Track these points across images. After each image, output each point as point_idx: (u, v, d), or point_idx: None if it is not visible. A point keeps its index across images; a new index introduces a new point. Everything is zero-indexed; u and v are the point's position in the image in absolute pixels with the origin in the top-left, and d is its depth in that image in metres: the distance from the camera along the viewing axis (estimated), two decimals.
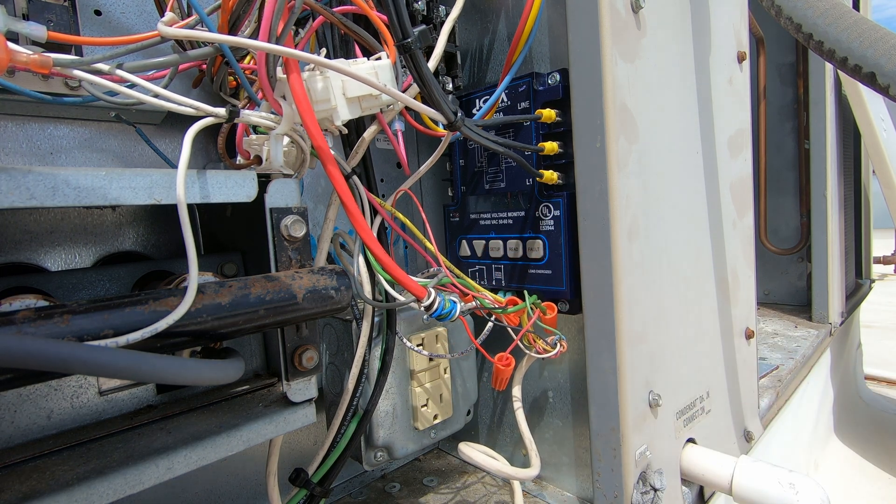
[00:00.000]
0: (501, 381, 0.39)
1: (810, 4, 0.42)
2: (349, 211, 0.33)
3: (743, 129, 0.67)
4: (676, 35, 0.52)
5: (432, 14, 0.48)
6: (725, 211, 0.62)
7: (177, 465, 0.29)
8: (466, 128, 0.39)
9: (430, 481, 0.58)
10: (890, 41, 0.38)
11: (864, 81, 0.39)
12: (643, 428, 0.47)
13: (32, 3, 0.34)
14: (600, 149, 0.42)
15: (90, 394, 0.33)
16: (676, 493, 0.52)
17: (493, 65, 0.54)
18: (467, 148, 0.54)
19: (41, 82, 0.32)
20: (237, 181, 0.31)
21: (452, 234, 0.58)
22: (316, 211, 0.54)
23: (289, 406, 0.35)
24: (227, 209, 0.41)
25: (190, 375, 0.26)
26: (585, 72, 0.43)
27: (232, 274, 0.39)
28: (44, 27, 0.30)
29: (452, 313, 0.37)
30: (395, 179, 0.62)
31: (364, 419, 0.41)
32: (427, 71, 0.35)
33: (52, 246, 0.41)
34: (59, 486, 0.25)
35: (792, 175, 1.22)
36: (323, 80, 0.33)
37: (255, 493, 0.51)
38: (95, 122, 0.43)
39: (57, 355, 0.20)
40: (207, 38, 0.30)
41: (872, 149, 1.08)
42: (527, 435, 0.45)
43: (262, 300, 0.29)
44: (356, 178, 0.39)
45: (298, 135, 0.35)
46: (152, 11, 0.43)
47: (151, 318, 0.25)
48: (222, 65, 0.39)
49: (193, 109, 0.30)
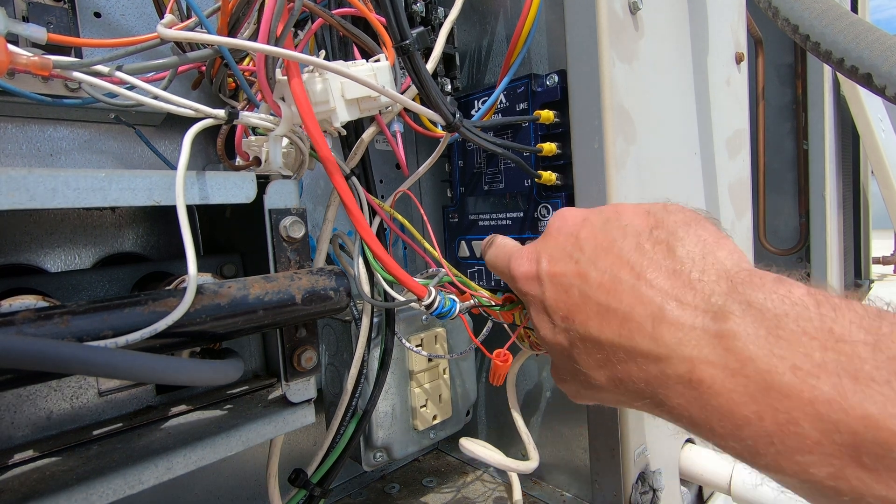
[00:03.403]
0: (499, 377, 0.40)
1: (807, 6, 0.42)
2: (349, 210, 0.33)
3: (741, 130, 0.67)
4: (674, 36, 0.53)
5: (431, 16, 0.48)
6: (724, 211, 0.62)
7: (176, 465, 0.29)
8: (465, 129, 0.39)
9: (429, 482, 0.58)
10: (886, 42, 0.38)
11: (861, 82, 0.39)
12: (642, 428, 0.47)
13: (32, 5, 0.35)
14: (598, 149, 0.42)
15: (90, 394, 0.33)
16: (675, 494, 0.52)
17: (491, 66, 0.54)
18: (466, 149, 0.54)
19: (41, 84, 0.32)
20: (236, 182, 0.31)
21: (451, 235, 0.58)
22: (315, 212, 0.55)
23: (288, 406, 0.35)
24: (227, 210, 0.41)
25: (189, 376, 0.26)
26: (583, 73, 0.43)
27: (231, 275, 0.39)
28: (44, 29, 0.30)
29: (452, 311, 0.37)
30: (394, 180, 0.63)
31: (363, 420, 0.42)
32: (425, 72, 0.35)
33: (51, 247, 0.41)
34: (59, 486, 0.25)
35: (791, 175, 1.23)
36: (322, 81, 0.33)
37: (254, 494, 0.51)
38: (95, 124, 0.43)
39: (57, 356, 0.20)
40: (207, 41, 0.30)
41: (871, 149, 1.09)
42: (523, 429, 0.45)
43: (261, 301, 0.29)
44: (355, 179, 0.39)
45: (297, 136, 0.35)
46: (152, 14, 0.43)
47: (151, 318, 0.25)
48: (221, 67, 0.39)
49: (193, 111, 0.30)
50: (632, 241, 0.28)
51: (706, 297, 0.24)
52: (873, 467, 0.18)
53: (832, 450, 0.19)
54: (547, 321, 0.31)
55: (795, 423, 0.20)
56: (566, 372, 0.32)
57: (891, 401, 0.18)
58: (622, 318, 0.26)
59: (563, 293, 0.30)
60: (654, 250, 0.27)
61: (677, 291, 0.25)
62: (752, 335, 0.22)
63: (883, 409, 0.18)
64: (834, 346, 0.20)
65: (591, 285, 0.28)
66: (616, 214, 0.31)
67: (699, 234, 0.27)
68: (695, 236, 0.27)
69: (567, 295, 0.30)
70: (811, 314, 0.21)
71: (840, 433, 0.18)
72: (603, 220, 0.31)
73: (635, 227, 0.29)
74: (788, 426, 0.20)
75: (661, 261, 0.27)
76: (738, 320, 0.22)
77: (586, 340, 0.28)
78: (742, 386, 0.21)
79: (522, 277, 0.34)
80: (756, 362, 0.21)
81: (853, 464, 0.18)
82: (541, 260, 0.32)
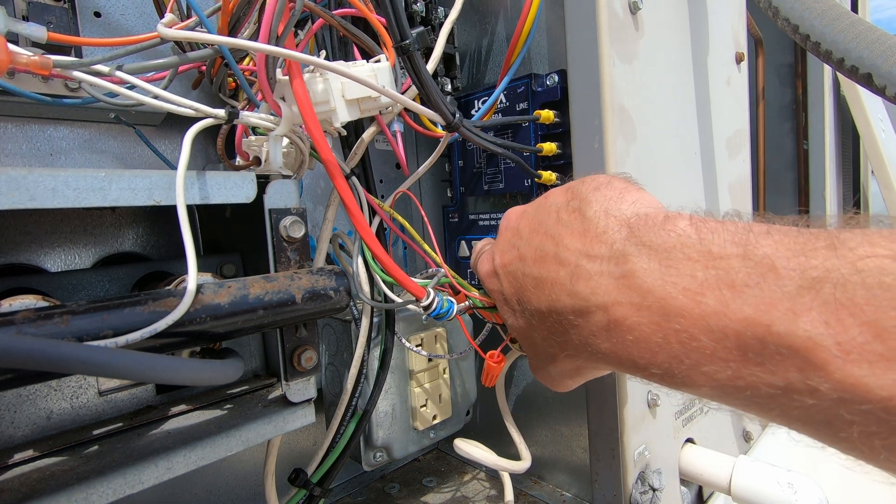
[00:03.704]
0: (491, 378, 0.40)
1: (807, 6, 0.42)
2: (349, 210, 0.33)
3: (741, 130, 0.67)
4: (674, 36, 0.53)
5: (431, 15, 0.48)
6: (724, 211, 0.62)
7: (176, 465, 0.29)
8: (465, 129, 0.39)
9: (429, 482, 0.58)
10: (887, 42, 0.38)
11: (861, 82, 0.39)
12: (642, 428, 0.47)
13: (32, 4, 0.35)
14: (598, 149, 0.42)
15: (90, 394, 0.33)
16: (675, 493, 0.52)
17: (491, 66, 0.54)
18: (466, 149, 0.54)
19: (41, 84, 0.32)
20: (236, 182, 0.31)
21: (451, 235, 0.58)
22: (315, 212, 0.55)
23: (288, 406, 0.35)
24: (227, 210, 0.41)
25: (189, 376, 0.26)
26: (583, 73, 0.43)
27: (231, 275, 0.39)
28: (44, 28, 0.30)
29: (450, 312, 0.37)
30: (394, 180, 0.63)
31: (363, 419, 0.42)
32: (426, 72, 0.35)
33: (51, 247, 0.41)
34: (59, 485, 0.25)
35: (791, 175, 1.22)
36: (323, 82, 0.33)
37: (254, 494, 0.51)
38: (95, 124, 0.43)
39: (57, 355, 0.20)
40: (207, 40, 0.30)
41: (871, 149, 1.09)
42: (514, 430, 0.45)
43: (260, 301, 0.29)
44: (355, 178, 0.39)
45: (297, 136, 0.35)
46: (152, 13, 0.43)
47: (151, 318, 0.25)
48: (222, 66, 0.39)
49: (193, 111, 0.30)
50: (553, 216, 0.31)
51: (610, 246, 0.27)
52: (757, 361, 0.20)
53: (725, 354, 0.21)
54: (508, 309, 0.34)
55: (695, 338, 0.22)
56: (534, 355, 0.34)
57: (760, 300, 0.20)
58: (550, 284, 0.29)
59: (512, 279, 0.33)
60: (570, 218, 0.30)
61: (587, 248, 0.28)
62: (647, 269, 0.24)
63: (756, 308, 0.20)
64: (713, 264, 0.22)
65: (528, 263, 0.32)
66: (545, 199, 0.34)
67: (605, 194, 0.30)
68: (602, 196, 0.30)
69: (515, 279, 0.33)
70: (693, 240, 0.23)
71: (728, 338, 0.21)
72: (535, 208, 0.34)
73: (556, 203, 0.32)
74: (690, 343, 0.22)
75: (575, 225, 0.29)
76: (636, 259, 0.25)
77: (535, 315, 0.31)
78: (647, 317, 0.24)
79: (485, 276, 0.37)
80: (654, 293, 0.23)
81: (744, 361, 0.20)
82: (494, 257, 0.36)
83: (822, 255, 0.19)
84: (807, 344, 0.18)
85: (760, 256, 0.20)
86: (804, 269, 0.19)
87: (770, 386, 0.20)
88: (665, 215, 0.26)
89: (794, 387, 0.19)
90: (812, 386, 0.18)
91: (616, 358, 0.26)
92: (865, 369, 0.17)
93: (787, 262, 0.20)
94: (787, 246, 0.20)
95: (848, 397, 0.18)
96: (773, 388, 0.20)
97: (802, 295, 0.19)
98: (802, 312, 0.19)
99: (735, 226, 0.23)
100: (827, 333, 0.18)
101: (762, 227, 0.22)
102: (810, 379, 0.18)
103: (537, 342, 0.32)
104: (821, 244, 0.19)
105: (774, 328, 0.19)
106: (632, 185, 0.31)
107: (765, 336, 0.19)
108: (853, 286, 0.18)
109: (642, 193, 0.30)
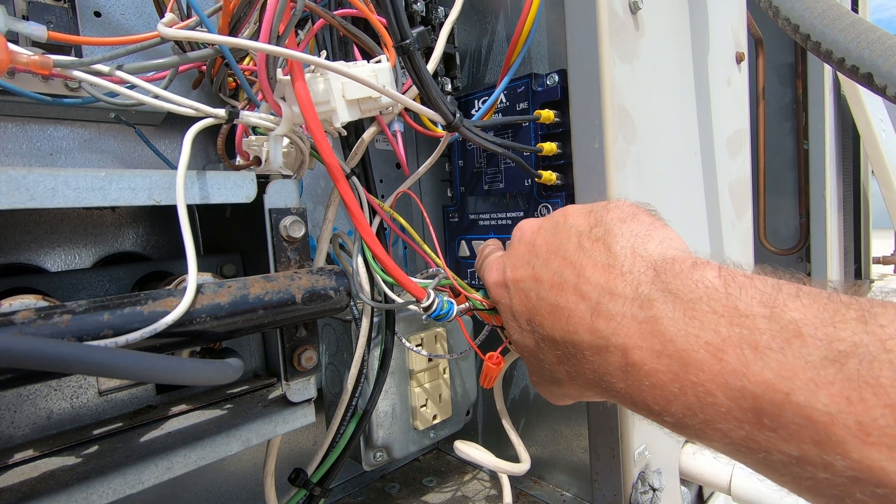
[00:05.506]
0: (490, 380, 0.40)
1: (808, 5, 0.42)
2: (350, 211, 0.33)
3: (741, 130, 0.67)
4: (675, 36, 0.53)
5: (431, 15, 0.48)
6: (724, 211, 0.62)
7: (176, 464, 0.29)
8: (465, 128, 0.39)
9: (429, 481, 0.58)
10: (887, 42, 0.38)
11: (862, 82, 0.39)
12: (642, 427, 0.47)
13: (32, 4, 0.35)
14: (598, 149, 0.42)
15: (90, 394, 0.33)
16: (675, 493, 0.52)
17: (491, 66, 0.54)
18: (466, 149, 0.54)
19: (41, 83, 0.32)
20: (236, 182, 0.31)
21: (452, 235, 0.58)
22: (315, 212, 0.55)
23: (288, 406, 0.35)
24: (227, 210, 0.41)
25: (189, 375, 0.26)
26: (584, 73, 0.43)
27: (231, 274, 0.39)
28: (44, 27, 0.30)
29: (450, 314, 0.37)
30: (394, 180, 0.62)
31: (363, 419, 0.42)
32: (426, 72, 0.35)
33: (51, 247, 0.41)
34: (59, 486, 0.25)
35: (791, 175, 1.22)
36: (324, 82, 0.33)
37: (254, 494, 0.51)
38: (95, 124, 0.43)
39: (57, 355, 0.20)
40: (207, 40, 0.30)
41: (871, 149, 1.09)
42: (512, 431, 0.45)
43: (261, 300, 0.29)
44: (355, 178, 0.39)
45: (297, 136, 0.35)
46: (152, 13, 0.43)
47: (151, 318, 0.25)
48: (222, 66, 0.39)
49: (193, 110, 0.30)
50: (574, 242, 0.31)
51: (635, 288, 0.26)
52: (772, 426, 0.20)
53: (741, 415, 0.21)
54: (515, 325, 0.34)
55: (711, 394, 0.21)
56: (538, 374, 0.34)
57: (783, 365, 0.19)
58: (568, 314, 0.29)
59: (524, 297, 0.33)
60: (593, 248, 0.29)
61: (611, 285, 0.27)
62: (671, 318, 0.24)
63: (777, 373, 0.19)
64: (738, 321, 0.21)
65: (545, 287, 0.31)
66: (563, 218, 0.33)
67: (632, 229, 0.29)
68: (628, 231, 0.29)
69: (527, 299, 0.32)
70: (720, 294, 0.23)
71: (745, 399, 0.20)
72: (553, 225, 0.33)
73: (578, 227, 0.31)
74: (706, 398, 0.22)
75: (599, 257, 0.29)
76: (661, 306, 0.24)
77: (546, 339, 0.31)
78: (666, 365, 0.23)
79: (493, 286, 0.36)
80: (675, 342, 0.23)
81: (758, 425, 0.20)
82: (506, 269, 0.35)
83: (851, 329, 0.18)
84: (825, 419, 0.18)
85: (787, 321, 0.20)
86: (831, 340, 0.19)
87: (783, 453, 0.19)
88: (693, 262, 0.25)
89: (809, 458, 0.19)
90: (827, 461, 0.18)
91: (631, 399, 0.26)
92: (885, 453, 0.17)
93: (814, 331, 0.19)
94: (816, 313, 0.20)
95: (864, 478, 0.17)
96: (787, 456, 0.19)
97: (826, 367, 0.18)
98: (824, 385, 0.18)
99: (764, 283, 0.22)
100: (848, 411, 0.17)
101: (792, 289, 0.21)
102: (826, 454, 0.18)
103: (544, 364, 0.32)
104: (851, 315, 0.19)
105: (794, 397, 0.19)
106: (658, 220, 0.31)
107: (783, 403, 0.19)
108: (880, 365, 0.17)
109: (668, 231, 0.30)
